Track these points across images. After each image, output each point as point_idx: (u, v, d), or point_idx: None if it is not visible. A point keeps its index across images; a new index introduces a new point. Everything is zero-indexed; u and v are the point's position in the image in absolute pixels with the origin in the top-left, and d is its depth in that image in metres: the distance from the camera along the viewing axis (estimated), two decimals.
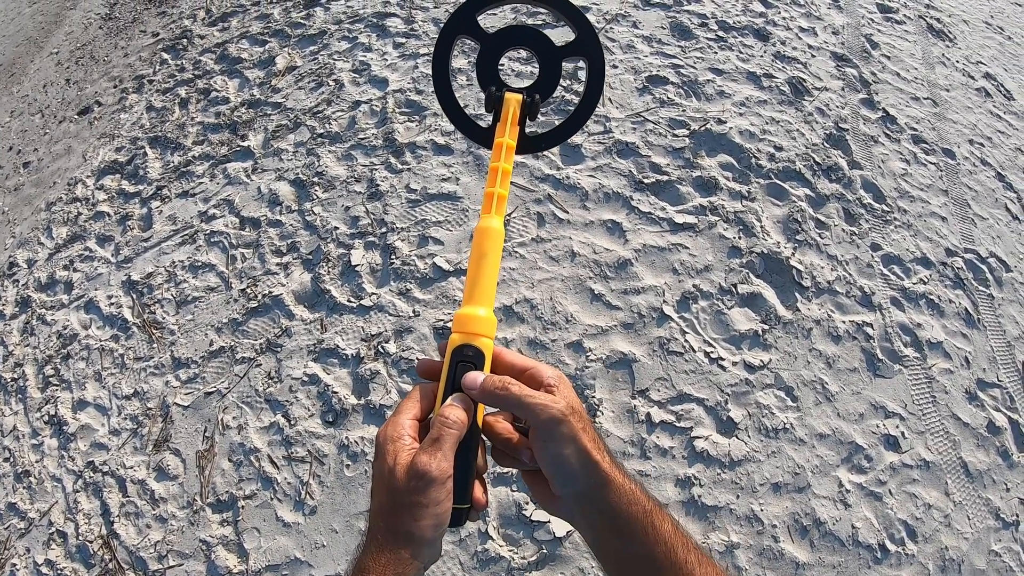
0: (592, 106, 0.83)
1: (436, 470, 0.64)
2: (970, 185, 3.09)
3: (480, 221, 0.75)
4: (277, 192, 2.98)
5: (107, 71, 4.67)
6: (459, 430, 0.67)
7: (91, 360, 2.74)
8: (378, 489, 0.67)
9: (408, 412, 0.70)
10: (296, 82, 3.50)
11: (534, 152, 0.84)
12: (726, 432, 2.17)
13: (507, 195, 0.76)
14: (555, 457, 0.66)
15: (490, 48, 0.83)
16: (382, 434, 0.69)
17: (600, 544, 0.70)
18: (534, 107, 0.79)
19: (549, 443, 0.66)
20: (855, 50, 3.52)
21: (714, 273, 2.49)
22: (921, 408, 2.32)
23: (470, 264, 0.74)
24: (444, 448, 0.65)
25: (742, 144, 2.85)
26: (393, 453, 0.66)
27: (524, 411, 0.66)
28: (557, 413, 0.65)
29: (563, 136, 0.84)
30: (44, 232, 3.47)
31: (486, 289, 0.73)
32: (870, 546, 2.03)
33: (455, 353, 0.71)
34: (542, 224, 2.63)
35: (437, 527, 0.65)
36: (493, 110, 0.80)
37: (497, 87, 0.80)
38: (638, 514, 0.66)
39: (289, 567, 2.05)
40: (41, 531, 2.36)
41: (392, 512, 0.65)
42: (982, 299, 2.67)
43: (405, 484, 0.64)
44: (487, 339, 0.71)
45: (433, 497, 0.64)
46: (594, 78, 0.82)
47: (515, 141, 0.78)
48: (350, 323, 2.48)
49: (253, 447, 2.28)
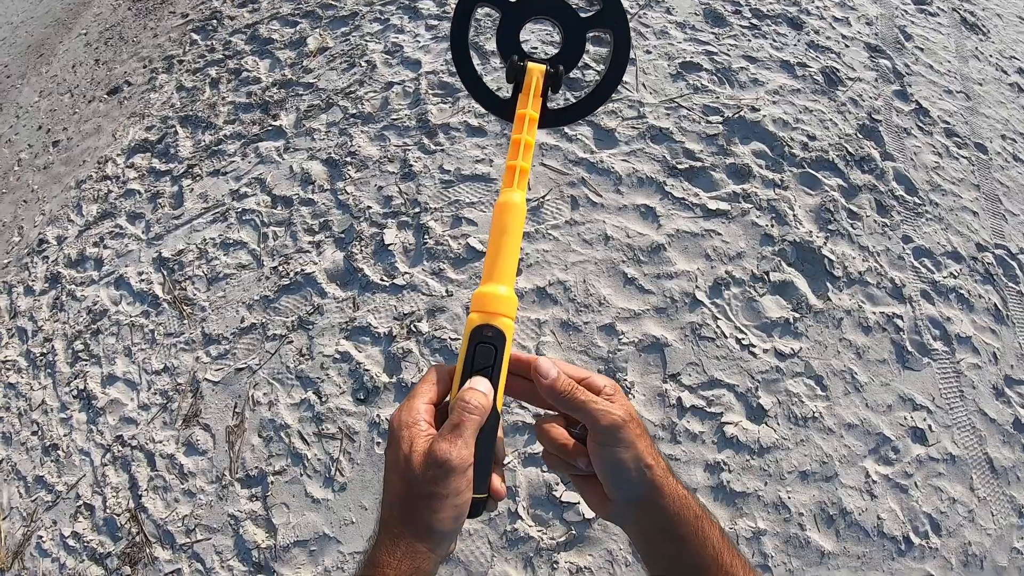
0: (617, 80, 0.80)
1: (457, 458, 0.60)
2: (1002, 180, 3.06)
3: (501, 195, 0.72)
4: (309, 171, 2.99)
5: (136, 52, 4.69)
6: (481, 416, 0.64)
7: (121, 335, 2.77)
8: (392, 478, 0.64)
9: (423, 396, 0.67)
10: (328, 63, 3.50)
11: (557, 126, 0.81)
12: (756, 419, 2.17)
13: (529, 168, 0.73)
14: (612, 462, 0.66)
15: (511, 17, 0.79)
16: (396, 419, 0.65)
17: (651, 548, 0.69)
18: (557, 78, 0.76)
19: (607, 447, 0.65)
20: (888, 41, 3.48)
21: (746, 260, 2.49)
22: (948, 402, 2.31)
23: (490, 240, 0.71)
24: (465, 435, 0.62)
25: (775, 132, 2.83)
26: (409, 440, 0.63)
27: (586, 414, 0.66)
28: (617, 419, 0.65)
29: (587, 110, 0.81)
30: (74, 210, 3.50)
31: (507, 267, 0.70)
32: (895, 538, 2.03)
33: (474, 334, 0.67)
34: (576, 207, 2.63)
35: (456, 519, 0.62)
36: (515, 81, 0.77)
37: (519, 57, 0.76)
38: (690, 519, 0.66)
39: (318, 543, 2.07)
40: (68, 504, 2.39)
41: (408, 503, 0.62)
42: (1011, 296, 2.65)
43: (423, 473, 0.60)
44: (507, 319, 0.68)
45: (453, 487, 0.60)
46: (620, 51, 0.79)
47: (538, 112, 0.75)
48: (383, 302, 2.50)
49: (283, 423, 2.30)
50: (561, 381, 0.67)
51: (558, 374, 0.68)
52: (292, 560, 2.06)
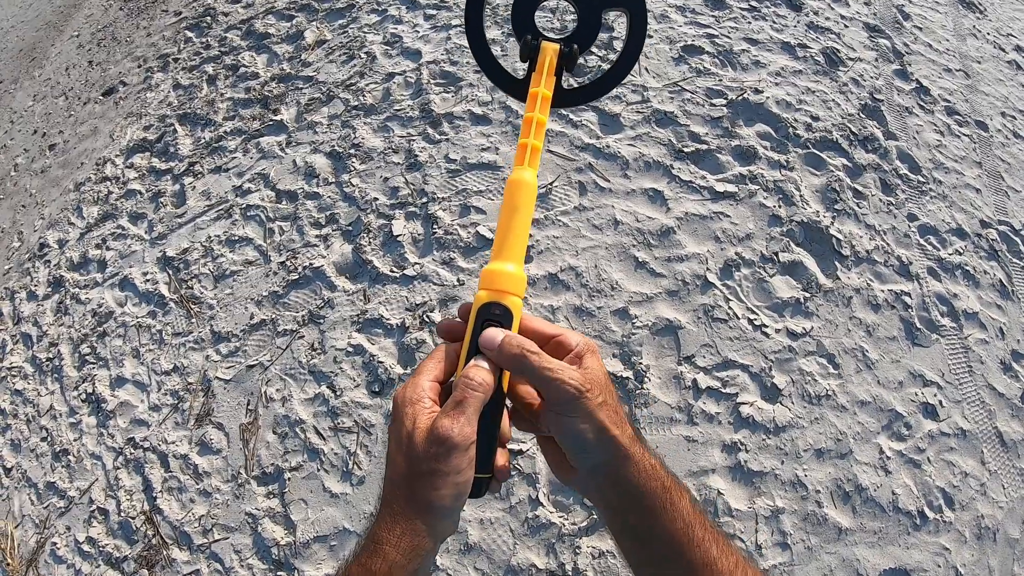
0: (633, 59, 0.78)
1: (459, 435, 0.59)
2: (1003, 157, 3.07)
3: (512, 173, 0.71)
4: (313, 165, 2.98)
5: (130, 51, 4.66)
6: (484, 393, 0.63)
7: (128, 337, 2.75)
8: (395, 455, 0.63)
9: (428, 373, 0.66)
10: (327, 55, 3.48)
11: (571, 106, 0.80)
12: (770, 398, 2.18)
13: (541, 147, 0.72)
14: (570, 432, 0.63)
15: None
16: (400, 396, 0.64)
17: (616, 519, 0.67)
18: (572, 58, 0.75)
19: (563, 417, 0.63)
20: (887, 21, 3.49)
21: (755, 241, 2.49)
22: (958, 377, 2.33)
23: (500, 218, 0.70)
24: (468, 412, 0.61)
25: (779, 114, 2.84)
26: (412, 416, 0.62)
27: (539, 383, 0.63)
28: (572, 390, 0.61)
29: (603, 90, 0.80)
30: (74, 212, 3.47)
31: (516, 244, 0.69)
32: (910, 512, 2.04)
33: (481, 311, 0.66)
34: (584, 193, 2.63)
35: (457, 497, 0.61)
36: (528, 59, 0.76)
37: (533, 35, 0.76)
38: (657, 489, 0.63)
39: (337, 537, 2.07)
40: (82, 509, 2.37)
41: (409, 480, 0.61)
42: (1016, 271, 2.67)
43: (424, 450, 0.60)
44: (516, 297, 0.67)
45: (454, 465, 0.59)
46: (636, 30, 0.78)
47: (551, 91, 0.74)
48: (393, 293, 2.49)
49: (298, 419, 2.29)
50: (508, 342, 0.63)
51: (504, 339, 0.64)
52: (312, 556, 2.05)
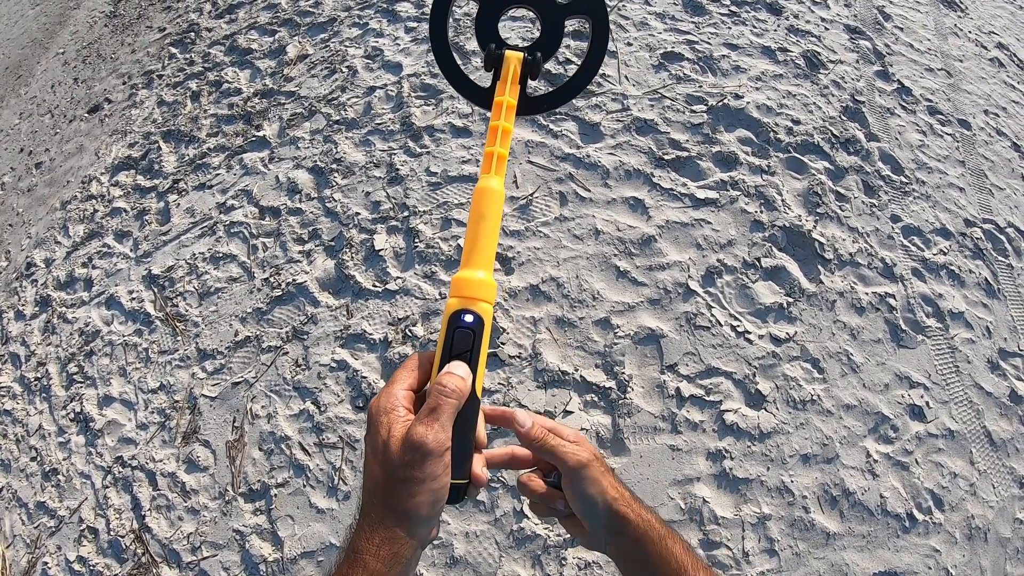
0: (595, 67, 0.80)
1: (433, 442, 0.61)
2: (986, 156, 3.08)
3: (479, 181, 0.72)
4: (296, 180, 2.97)
5: (115, 68, 4.66)
6: (458, 399, 0.64)
7: (115, 356, 2.75)
8: (371, 464, 0.64)
9: (403, 382, 0.67)
10: (308, 70, 3.48)
11: (535, 113, 0.82)
12: (755, 405, 2.17)
13: (507, 155, 0.73)
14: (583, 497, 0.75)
15: (490, 5, 0.80)
16: (375, 405, 0.66)
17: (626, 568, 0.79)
18: (536, 66, 0.77)
19: (577, 483, 0.75)
20: (868, 22, 3.50)
21: (737, 247, 2.49)
22: (945, 378, 2.33)
23: (468, 226, 0.71)
24: (442, 419, 0.62)
25: (760, 119, 2.84)
26: (387, 425, 0.63)
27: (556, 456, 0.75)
28: (583, 458, 0.75)
29: (565, 97, 0.81)
30: (60, 231, 3.47)
31: (485, 251, 0.70)
32: (898, 515, 2.04)
33: (452, 319, 0.67)
34: (564, 203, 2.63)
35: (435, 503, 0.62)
36: (493, 69, 0.77)
37: (497, 45, 0.77)
38: (655, 539, 0.75)
39: (324, 553, 2.06)
40: (72, 528, 2.37)
41: (386, 488, 0.62)
42: (1001, 269, 2.67)
43: (400, 457, 0.61)
44: (486, 304, 0.68)
45: (430, 471, 0.61)
46: (598, 38, 0.79)
47: (516, 100, 0.75)
48: (376, 308, 2.49)
49: (284, 435, 2.29)
50: (535, 429, 0.76)
51: (532, 423, 0.76)
52: (300, 572, 2.05)
